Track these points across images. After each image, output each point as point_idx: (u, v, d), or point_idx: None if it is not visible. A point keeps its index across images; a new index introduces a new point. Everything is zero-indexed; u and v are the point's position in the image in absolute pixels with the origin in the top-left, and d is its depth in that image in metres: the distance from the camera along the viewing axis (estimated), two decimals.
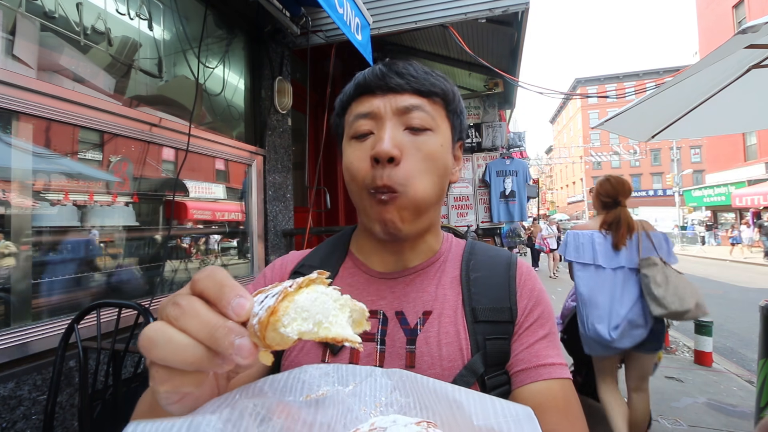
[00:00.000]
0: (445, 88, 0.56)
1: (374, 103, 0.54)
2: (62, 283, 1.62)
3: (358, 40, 2.20)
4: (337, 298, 0.32)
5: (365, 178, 0.52)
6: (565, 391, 0.51)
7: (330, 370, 0.41)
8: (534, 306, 0.56)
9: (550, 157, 45.77)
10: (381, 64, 0.56)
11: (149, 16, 2.03)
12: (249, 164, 2.70)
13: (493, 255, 0.62)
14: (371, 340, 0.55)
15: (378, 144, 0.51)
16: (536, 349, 0.53)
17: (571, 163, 40.51)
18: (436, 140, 0.54)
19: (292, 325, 0.28)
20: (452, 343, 0.53)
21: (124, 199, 1.92)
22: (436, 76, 0.57)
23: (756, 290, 8.00)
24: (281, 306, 0.28)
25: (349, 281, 0.61)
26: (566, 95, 8.72)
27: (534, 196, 7.65)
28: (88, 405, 1.26)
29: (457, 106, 0.59)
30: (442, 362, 0.52)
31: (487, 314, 0.54)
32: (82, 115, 1.59)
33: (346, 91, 0.59)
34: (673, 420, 2.75)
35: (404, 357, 0.53)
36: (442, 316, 0.55)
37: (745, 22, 10.91)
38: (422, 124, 0.53)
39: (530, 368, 0.52)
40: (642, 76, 36.30)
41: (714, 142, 18.15)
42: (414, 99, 0.53)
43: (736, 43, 1.59)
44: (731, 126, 2.92)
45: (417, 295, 0.57)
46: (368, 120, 0.54)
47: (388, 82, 0.53)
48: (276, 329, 0.27)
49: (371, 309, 0.57)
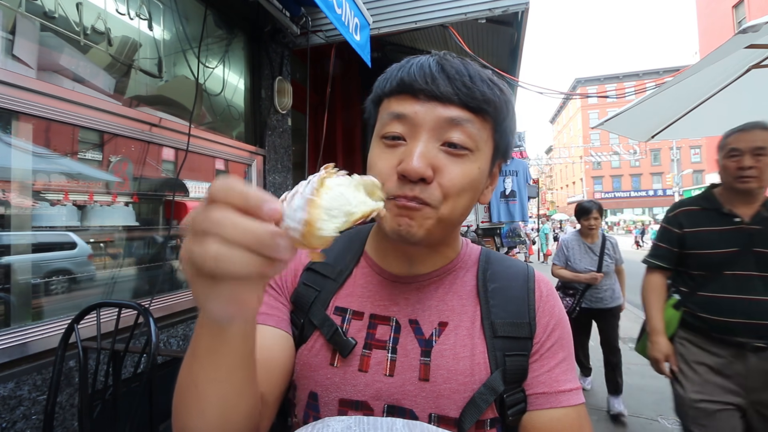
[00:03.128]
0: (499, 104, 0.49)
1: (414, 107, 0.47)
2: (62, 283, 1.62)
3: (356, 41, 2.20)
4: (350, 182, 0.35)
5: (389, 189, 0.47)
6: (580, 418, 0.51)
7: (352, 423, 0.41)
8: (555, 326, 0.55)
9: (550, 157, 45.78)
10: (434, 60, 0.49)
11: (149, 16, 2.03)
12: (249, 164, 2.70)
13: (509, 265, 0.60)
14: (382, 348, 0.53)
15: (407, 159, 0.45)
16: (556, 373, 0.52)
17: (571, 163, 40.54)
18: (474, 164, 0.48)
19: (327, 226, 0.30)
20: (467, 358, 0.51)
21: (124, 199, 1.92)
22: (493, 87, 0.49)
23: None
24: (313, 215, 0.30)
25: (362, 283, 0.58)
26: (566, 95, 8.72)
27: (534, 196, 7.67)
28: (87, 405, 1.26)
29: (508, 123, 0.52)
30: (458, 377, 0.50)
31: (507, 329, 0.52)
32: (82, 115, 1.58)
33: (389, 79, 0.51)
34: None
35: (418, 368, 0.51)
36: (458, 329, 0.53)
37: (745, 22, 10.91)
38: (463, 143, 0.47)
39: (550, 393, 0.51)
40: (642, 76, 36.31)
41: (714, 142, 18.07)
42: (460, 113, 0.47)
43: (736, 43, 1.59)
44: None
45: (432, 304, 0.55)
46: (403, 124, 0.48)
47: (434, 89, 0.46)
48: (316, 235, 0.30)
49: (383, 315, 0.55)
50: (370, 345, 0.53)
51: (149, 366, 1.22)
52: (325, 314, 0.55)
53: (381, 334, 0.54)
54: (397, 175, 0.46)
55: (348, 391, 0.51)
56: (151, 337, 1.24)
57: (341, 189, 0.33)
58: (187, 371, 0.38)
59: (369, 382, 0.51)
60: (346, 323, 0.55)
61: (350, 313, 0.56)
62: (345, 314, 0.56)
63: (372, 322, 0.54)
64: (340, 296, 0.58)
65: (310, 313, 0.56)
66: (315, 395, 0.52)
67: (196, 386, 0.38)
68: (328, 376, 0.52)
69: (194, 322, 2.21)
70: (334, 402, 0.51)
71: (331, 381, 0.52)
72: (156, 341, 1.25)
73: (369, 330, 0.54)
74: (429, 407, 0.49)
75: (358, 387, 0.51)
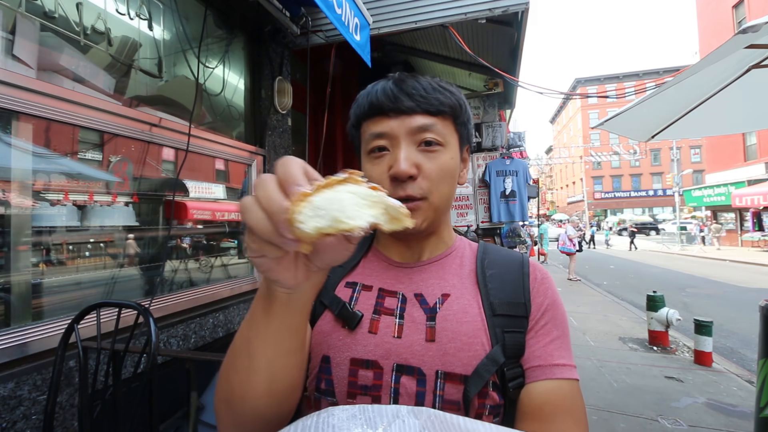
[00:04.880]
0: (453, 104, 0.59)
1: (388, 124, 0.57)
2: (62, 283, 1.62)
3: (356, 41, 2.20)
4: (368, 196, 0.34)
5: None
6: (572, 392, 0.55)
7: (356, 411, 0.42)
8: (548, 307, 0.59)
9: (550, 157, 45.78)
10: (392, 83, 0.59)
11: (149, 16, 2.03)
12: (249, 164, 2.70)
13: (505, 254, 0.66)
14: (390, 314, 0.58)
15: (395, 165, 0.55)
16: (550, 348, 0.56)
17: (571, 163, 40.52)
18: (448, 154, 0.59)
19: (309, 222, 0.31)
20: (471, 322, 0.56)
21: (124, 199, 1.92)
22: (444, 92, 0.59)
23: (756, 290, 8.00)
24: (296, 207, 0.31)
25: (370, 266, 0.65)
26: (566, 95, 8.73)
27: (534, 196, 7.65)
28: (87, 405, 1.26)
29: (464, 117, 0.62)
30: (462, 337, 0.55)
31: (505, 308, 0.58)
32: (82, 115, 1.58)
33: (361, 106, 0.61)
34: (673, 420, 2.75)
35: (424, 331, 0.56)
36: (461, 299, 0.59)
37: (745, 22, 10.91)
38: (435, 140, 0.57)
39: (544, 366, 0.55)
40: (642, 76, 36.30)
41: (714, 142, 18.14)
42: (425, 119, 0.57)
43: (736, 43, 1.59)
44: (731, 126, 2.93)
45: (435, 282, 0.61)
46: (383, 139, 0.58)
47: (399, 106, 0.56)
48: (294, 226, 0.31)
49: (390, 290, 0.61)
50: (380, 311, 0.59)
51: (149, 366, 1.22)
52: (333, 294, 0.61)
53: (389, 303, 0.59)
54: (390, 179, 0.56)
55: (359, 350, 0.55)
56: (151, 337, 1.24)
57: (345, 195, 0.33)
58: (242, 331, 0.45)
59: (379, 342, 0.56)
60: (356, 293, 0.61)
61: (360, 286, 0.62)
62: (355, 287, 0.62)
63: (380, 294, 0.61)
64: (349, 276, 0.64)
65: (320, 294, 0.61)
66: (327, 358, 0.56)
67: (249, 343, 0.43)
68: (339, 338, 0.57)
69: (194, 322, 2.21)
70: (346, 362, 0.55)
71: (342, 342, 0.56)
72: (156, 341, 1.24)
73: (378, 299, 0.60)
74: (436, 364, 0.53)
75: (369, 347, 0.55)
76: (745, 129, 3.08)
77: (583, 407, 0.55)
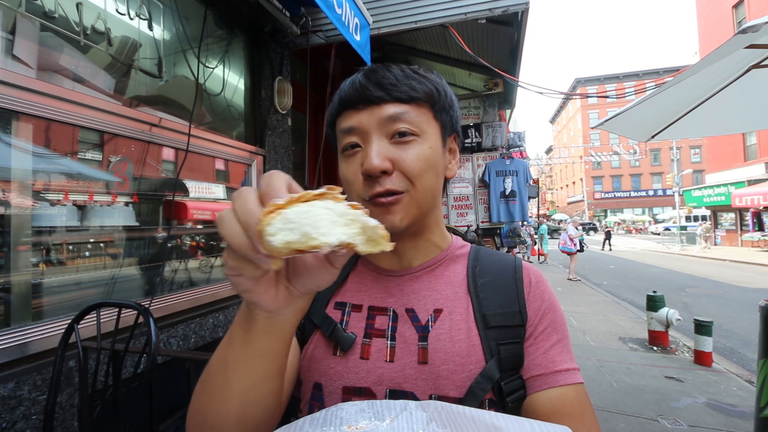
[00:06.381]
0: (429, 90, 0.55)
1: (358, 117, 0.53)
2: (62, 283, 1.62)
3: (356, 41, 2.20)
4: (344, 214, 0.32)
5: (359, 191, 0.53)
6: (580, 396, 0.52)
7: (365, 406, 0.42)
8: (546, 311, 0.57)
9: (550, 157, 45.76)
10: (360, 74, 0.55)
11: (149, 16, 2.03)
12: (249, 164, 2.70)
13: (497, 260, 0.62)
14: (381, 336, 0.55)
15: (366, 161, 0.51)
16: (551, 354, 0.54)
17: (571, 163, 40.52)
18: (424, 144, 0.54)
19: (278, 235, 0.30)
20: (464, 340, 0.53)
21: (124, 199, 1.92)
22: (419, 78, 0.55)
23: (756, 290, 8.00)
24: (266, 218, 0.30)
25: (358, 279, 0.62)
26: (566, 95, 8.72)
27: (534, 196, 7.66)
28: (87, 405, 1.26)
29: (444, 102, 0.57)
30: (455, 358, 0.52)
31: (498, 319, 0.55)
32: (82, 115, 1.58)
33: (333, 104, 0.58)
34: (673, 420, 2.75)
35: (416, 353, 0.53)
36: (453, 314, 0.55)
37: (745, 22, 10.90)
38: (408, 130, 0.53)
39: (547, 374, 0.52)
40: (642, 76, 36.31)
41: (714, 142, 18.13)
42: (396, 107, 0.53)
43: (736, 43, 1.59)
44: (731, 126, 2.92)
45: (427, 294, 0.58)
46: (354, 135, 0.54)
47: (367, 96, 0.53)
48: (264, 239, 0.30)
49: (381, 306, 0.58)
50: (370, 334, 0.56)
51: (149, 366, 1.22)
52: (324, 313, 0.58)
53: (380, 323, 0.57)
54: (363, 177, 0.52)
55: (351, 378, 0.53)
56: (151, 337, 1.24)
57: (320, 211, 0.31)
58: (218, 353, 0.43)
59: (371, 368, 0.53)
60: (346, 316, 0.58)
61: (349, 307, 0.59)
62: (344, 308, 0.59)
63: (370, 314, 0.58)
64: (338, 294, 0.61)
65: (310, 313, 0.59)
66: (319, 386, 0.54)
67: (225, 366, 0.41)
68: (331, 365, 0.54)
69: (194, 322, 2.21)
70: (338, 390, 0.53)
71: (334, 370, 0.54)
72: (156, 341, 1.25)
73: (368, 321, 0.57)
74: (429, 388, 0.51)
75: (361, 374, 0.53)
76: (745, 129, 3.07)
77: (592, 410, 0.52)
